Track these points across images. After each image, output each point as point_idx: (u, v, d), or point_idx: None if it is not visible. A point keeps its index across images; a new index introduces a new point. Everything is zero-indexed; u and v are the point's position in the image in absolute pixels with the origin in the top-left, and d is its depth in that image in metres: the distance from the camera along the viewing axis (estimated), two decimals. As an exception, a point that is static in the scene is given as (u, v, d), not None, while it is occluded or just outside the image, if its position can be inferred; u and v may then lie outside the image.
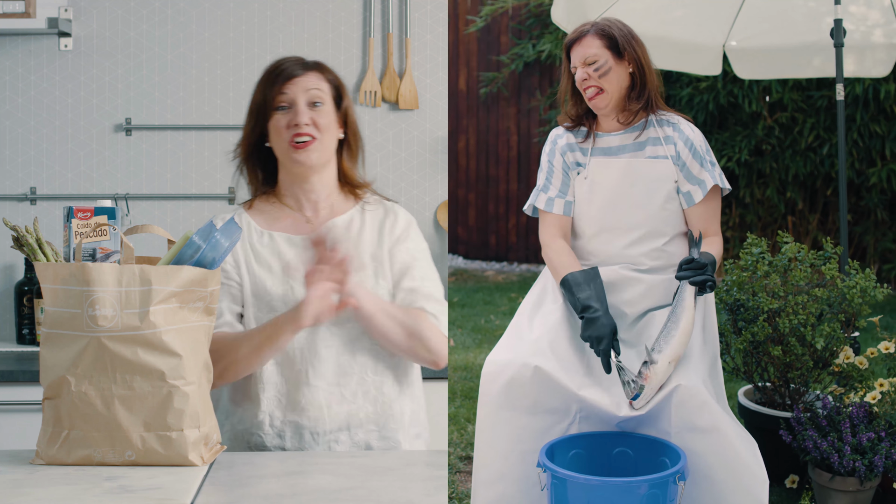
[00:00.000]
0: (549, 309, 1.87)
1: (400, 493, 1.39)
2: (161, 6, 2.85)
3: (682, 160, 1.88)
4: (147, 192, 2.86)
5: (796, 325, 2.21)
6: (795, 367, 2.26)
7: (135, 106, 2.85)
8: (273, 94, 1.69)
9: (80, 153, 2.86)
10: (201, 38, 2.86)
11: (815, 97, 4.24)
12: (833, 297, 2.26)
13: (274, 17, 2.87)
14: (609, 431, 1.78)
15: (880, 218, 4.38)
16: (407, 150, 2.91)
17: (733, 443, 1.71)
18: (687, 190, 1.88)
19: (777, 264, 2.31)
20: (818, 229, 4.44)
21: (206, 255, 1.49)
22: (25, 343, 2.75)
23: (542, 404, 1.77)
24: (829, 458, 2.10)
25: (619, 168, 1.88)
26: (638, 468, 1.74)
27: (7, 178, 2.84)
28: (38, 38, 2.83)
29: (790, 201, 4.41)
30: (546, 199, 1.93)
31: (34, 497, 1.33)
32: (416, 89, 2.85)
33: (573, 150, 1.92)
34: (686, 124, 1.91)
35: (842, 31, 2.62)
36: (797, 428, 2.17)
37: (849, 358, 2.24)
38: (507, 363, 1.78)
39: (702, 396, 1.72)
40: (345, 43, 2.86)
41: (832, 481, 2.11)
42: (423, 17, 2.87)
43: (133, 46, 2.85)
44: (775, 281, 2.27)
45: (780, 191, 4.38)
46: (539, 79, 5.00)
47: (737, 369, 2.37)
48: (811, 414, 2.19)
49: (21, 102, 2.85)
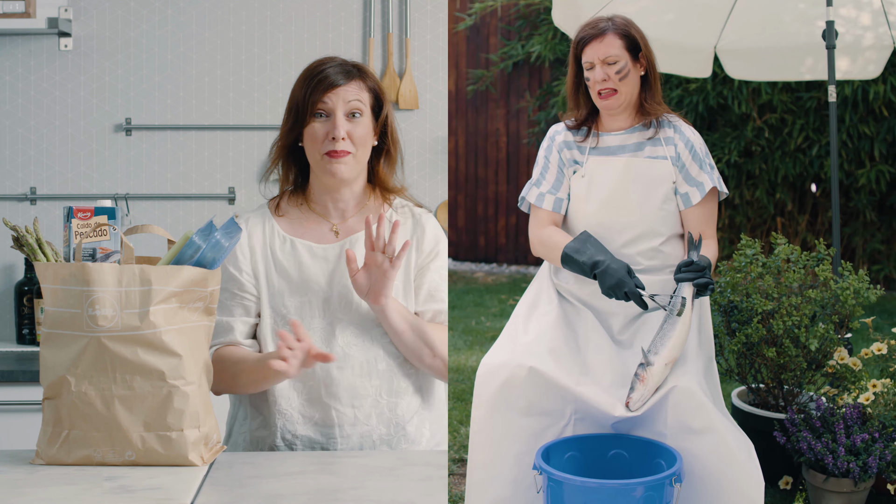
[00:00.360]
0: (544, 310, 1.85)
1: (400, 493, 1.38)
2: (161, 6, 2.82)
3: (681, 161, 1.86)
4: (147, 192, 2.84)
5: (790, 326, 2.20)
6: (789, 368, 2.24)
7: (135, 106, 2.83)
8: (312, 100, 1.64)
9: (80, 153, 2.83)
10: (201, 38, 2.84)
11: (804, 98, 4.24)
12: (826, 299, 2.24)
13: (274, 17, 2.84)
14: (604, 433, 1.76)
15: (869, 219, 4.38)
16: (407, 151, 2.87)
17: (729, 444, 1.70)
18: (685, 191, 1.86)
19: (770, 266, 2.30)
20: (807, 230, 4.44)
21: (206, 255, 1.47)
22: (25, 343, 2.73)
23: (538, 406, 1.75)
24: (823, 459, 2.09)
25: (617, 167, 1.86)
26: (633, 470, 1.72)
27: (7, 178, 2.82)
28: (38, 38, 2.81)
29: (779, 202, 4.41)
30: (537, 194, 1.91)
31: (34, 497, 1.32)
32: (416, 89, 2.83)
33: (570, 148, 1.90)
34: (686, 126, 1.89)
35: (833, 32, 2.61)
36: (791, 429, 2.16)
37: (843, 359, 2.23)
38: (502, 364, 1.76)
39: (698, 398, 1.71)
40: (345, 43, 2.84)
41: (826, 482, 2.10)
42: (423, 17, 2.86)
43: (133, 46, 2.82)
44: (769, 282, 2.26)
45: (769, 192, 4.37)
46: (528, 80, 4.97)
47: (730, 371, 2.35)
48: (805, 415, 2.18)
49: (21, 102, 2.82)
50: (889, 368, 2.24)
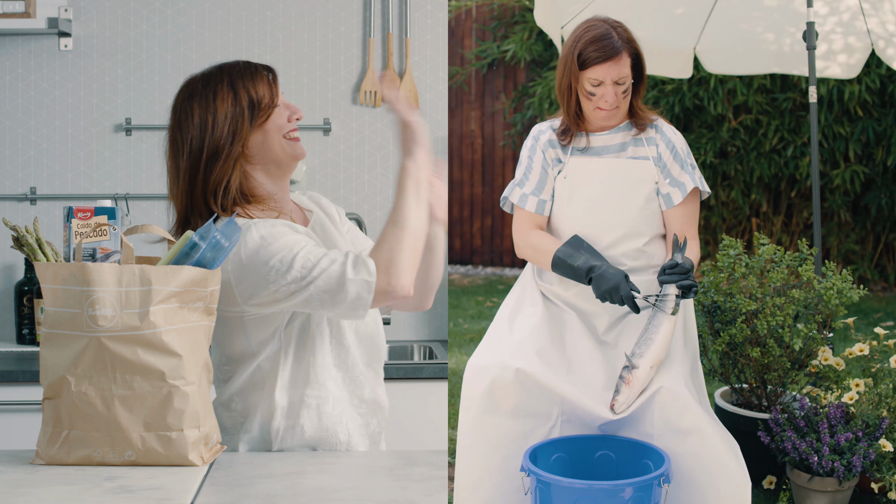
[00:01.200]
0: (528, 311, 1.82)
1: (400, 493, 1.34)
2: (161, 6, 2.77)
3: (663, 161, 1.83)
4: (147, 192, 2.79)
5: (774, 326, 2.17)
6: (773, 368, 2.23)
7: (135, 106, 2.78)
8: None
9: (80, 153, 2.78)
10: (201, 38, 2.79)
11: (779, 99, 4.22)
12: (810, 299, 2.22)
13: (274, 17, 2.80)
14: (591, 435, 1.74)
15: (843, 219, 4.38)
16: (406, 152, 2.84)
17: (715, 444, 1.68)
18: (667, 192, 1.83)
19: (754, 266, 2.28)
20: (782, 231, 4.43)
21: (206, 255, 1.44)
22: (25, 343, 2.68)
23: (525, 407, 1.72)
24: (808, 458, 2.07)
25: (600, 168, 1.83)
26: (620, 471, 1.70)
27: (7, 178, 2.77)
28: (38, 38, 2.75)
29: (754, 203, 4.39)
30: (520, 195, 1.88)
31: (34, 497, 1.28)
32: (416, 89, 2.79)
33: (555, 147, 1.87)
34: (668, 126, 1.86)
35: (814, 33, 2.59)
36: (775, 429, 2.14)
37: (827, 359, 2.21)
38: (488, 366, 1.73)
39: (684, 398, 1.69)
40: (345, 43, 2.79)
41: (811, 482, 2.08)
42: (423, 17, 2.82)
43: (133, 46, 2.77)
44: (752, 282, 2.23)
45: (744, 193, 4.35)
46: (504, 81, 4.93)
47: (713, 371, 2.33)
48: (789, 415, 2.16)
49: (21, 102, 2.76)
50: (871, 368, 2.22)
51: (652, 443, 1.69)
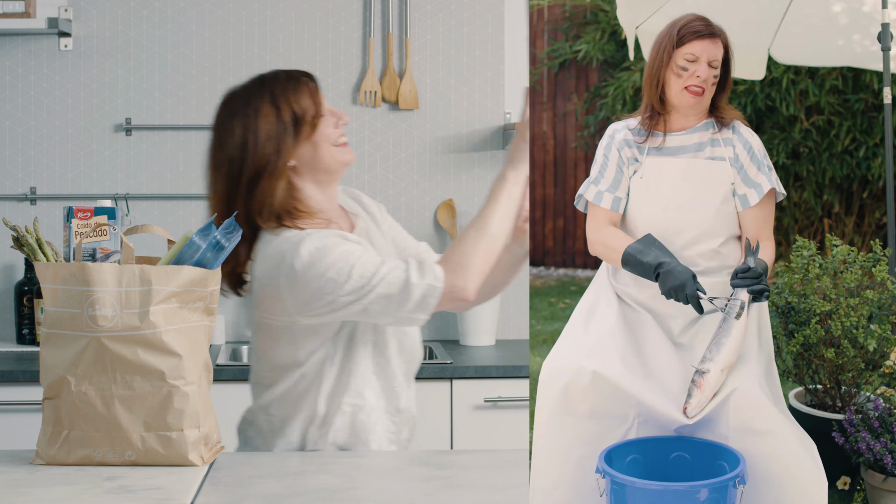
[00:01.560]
0: (604, 313, 1.82)
1: (400, 493, 1.34)
2: (161, 6, 2.77)
3: (739, 162, 1.84)
4: (147, 192, 2.79)
5: (848, 327, 2.18)
6: (847, 368, 2.22)
7: (135, 106, 2.77)
8: None
9: (80, 153, 2.78)
10: (201, 38, 2.78)
11: (851, 100, 4.21)
12: (884, 299, 2.23)
13: (274, 17, 2.79)
14: (666, 436, 1.74)
15: (916, 220, 4.39)
16: (407, 150, 2.85)
17: (791, 445, 1.68)
18: (743, 193, 1.84)
19: (827, 267, 2.28)
20: (854, 232, 4.42)
21: (206, 255, 1.43)
22: (25, 343, 2.68)
23: (600, 409, 1.72)
24: (882, 459, 2.06)
25: (676, 168, 1.84)
26: (695, 473, 1.70)
27: (7, 178, 2.76)
28: (38, 38, 2.75)
29: (826, 204, 4.38)
30: (595, 192, 1.87)
31: (34, 497, 1.28)
32: (416, 89, 2.79)
33: (630, 146, 1.86)
34: (745, 127, 1.87)
35: (888, 35, 2.57)
36: (849, 430, 2.13)
37: None
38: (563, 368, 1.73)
39: (758, 399, 1.69)
40: (345, 43, 2.79)
41: (885, 482, 2.08)
42: (423, 17, 2.81)
43: (133, 46, 2.77)
44: (826, 283, 2.24)
45: (816, 194, 4.34)
46: (575, 82, 4.91)
47: (787, 372, 2.34)
48: (863, 416, 2.16)
49: (21, 102, 2.76)
50: (948, 368, 2.21)
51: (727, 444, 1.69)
